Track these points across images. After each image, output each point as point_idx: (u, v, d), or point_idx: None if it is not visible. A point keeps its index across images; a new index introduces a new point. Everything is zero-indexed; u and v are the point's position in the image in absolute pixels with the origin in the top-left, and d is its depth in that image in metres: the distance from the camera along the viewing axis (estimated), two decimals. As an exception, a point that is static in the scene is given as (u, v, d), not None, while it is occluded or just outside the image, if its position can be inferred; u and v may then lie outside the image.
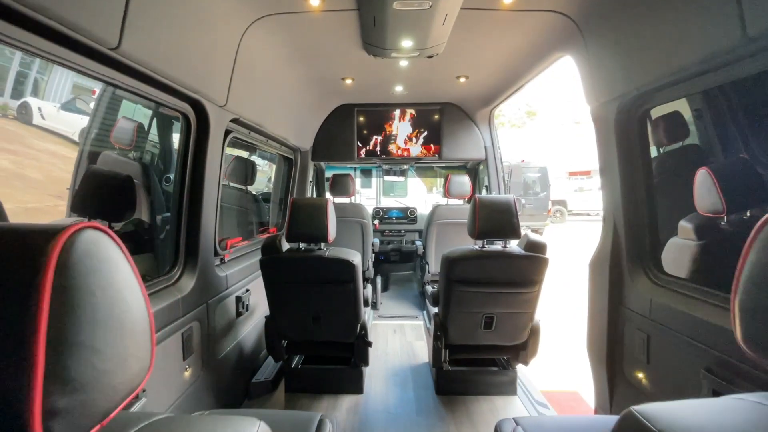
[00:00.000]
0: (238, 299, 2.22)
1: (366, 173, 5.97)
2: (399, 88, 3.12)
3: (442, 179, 6.59)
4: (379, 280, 4.08)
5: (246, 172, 3.66)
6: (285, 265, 1.94)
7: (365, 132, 3.68)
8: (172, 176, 4.24)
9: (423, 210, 4.82)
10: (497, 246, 2.03)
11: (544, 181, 12.20)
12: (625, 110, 1.60)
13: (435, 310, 2.30)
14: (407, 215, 4.70)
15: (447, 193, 3.45)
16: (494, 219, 1.93)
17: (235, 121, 2.03)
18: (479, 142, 3.62)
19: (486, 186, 3.70)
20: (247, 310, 2.33)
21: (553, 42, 1.96)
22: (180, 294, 1.63)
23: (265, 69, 2.18)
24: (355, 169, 5.71)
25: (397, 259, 4.74)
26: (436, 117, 3.60)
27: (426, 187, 9.50)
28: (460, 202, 3.71)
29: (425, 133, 3.63)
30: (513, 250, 1.95)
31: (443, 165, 4.79)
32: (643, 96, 1.50)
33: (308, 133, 3.52)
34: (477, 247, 2.00)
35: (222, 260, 2.16)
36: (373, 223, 4.58)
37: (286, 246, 2.03)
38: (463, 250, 1.98)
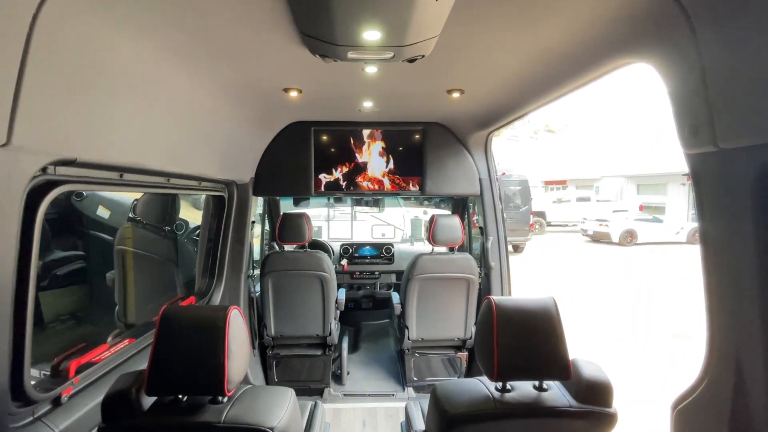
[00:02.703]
0: None
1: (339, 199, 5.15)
2: (368, 104, 2.29)
3: (420, 206, 5.79)
4: (345, 342, 3.20)
5: (164, 207, 2.68)
6: None
7: (327, 159, 2.84)
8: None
9: (403, 228, 4.02)
10: (527, 388, 1.21)
11: (525, 194, 11.79)
12: None
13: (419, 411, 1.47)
14: (382, 253, 3.88)
15: (432, 240, 2.63)
16: (527, 344, 1.11)
17: (63, 163, 1.12)
18: (473, 173, 2.84)
19: (481, 228, 2.92)
20: None
21: (619, 39, 1.17)
22: None
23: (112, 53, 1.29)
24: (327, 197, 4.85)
25: (369, 306, 3.91)
26: (418, 137, 2.81)
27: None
28: (445, 249, 2.93)
29: (395, 162, 2.83)
30: (556, 401, 1.13)
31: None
32: None
33: (247, 160, 2.62)
34: (492, 391, 1.17)
35: (55, 402, 1.25)
36: (341, 264, 3.74)
37: (149, 401, 1.12)
38: (471, 400, 1.14)
